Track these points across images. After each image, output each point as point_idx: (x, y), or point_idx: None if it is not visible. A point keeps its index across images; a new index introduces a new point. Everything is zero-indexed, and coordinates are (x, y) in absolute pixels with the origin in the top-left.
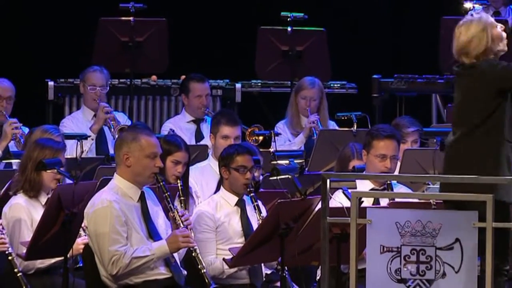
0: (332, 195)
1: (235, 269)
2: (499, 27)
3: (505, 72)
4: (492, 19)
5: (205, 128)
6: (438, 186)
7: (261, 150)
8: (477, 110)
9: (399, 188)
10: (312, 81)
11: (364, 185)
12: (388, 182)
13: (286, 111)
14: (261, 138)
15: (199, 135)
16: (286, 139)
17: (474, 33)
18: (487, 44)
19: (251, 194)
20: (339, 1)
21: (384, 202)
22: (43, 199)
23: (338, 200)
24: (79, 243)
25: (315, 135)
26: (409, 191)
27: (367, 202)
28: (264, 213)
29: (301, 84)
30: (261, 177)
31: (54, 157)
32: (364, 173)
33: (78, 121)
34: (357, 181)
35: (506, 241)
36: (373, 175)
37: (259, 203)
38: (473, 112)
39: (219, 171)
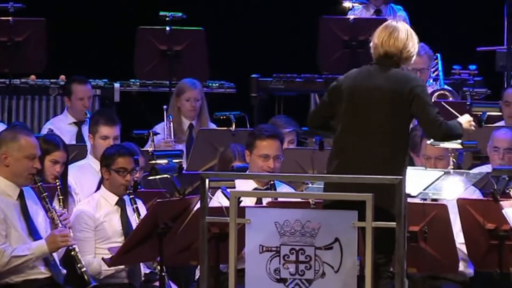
0: (214, 195)
1: (113, 270)
2: None
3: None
4: None
5: (86, 130)
6: (317, 185)
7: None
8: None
9: (282, 188)
10: (193, 82)
11: (247, 185)
12: (272, 182)
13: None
14: None
15: (80, 138)
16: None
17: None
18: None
19: (131, 196)
20: (217, 0)
21: (267, 202)
22: None
23: (221, 200)
24: None
25: None
26: (292, 190)
27: (251, 202)
28: (143, 215)
29: (182, 86)
30: (141, 177)
31: None
32: (245, 172)
33: None
34: (240, 181)
35: (390, 242)
36: (251, 174)
37: (140, 202)
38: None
39: (100, 171)
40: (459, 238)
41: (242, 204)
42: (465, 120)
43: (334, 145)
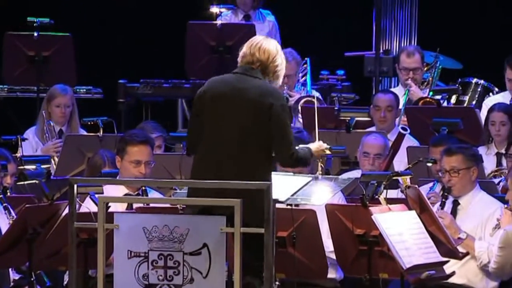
0: (84, 200)
1: None
2: None
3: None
4: None
5: None
6: (185, 191)
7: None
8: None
9: (152, 194)
10: (64, 88)
11: (118, 191)
12: (144, 187)
13: (34, 116)
14: None
15: None
16: (33, 146)
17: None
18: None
19: (0, 196)
20: (84, 6)
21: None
22: None
23: (90, 205)
24: None
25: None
26: (161, 196)
27: (122, 207)
28: (13, 213)
29: (53, 92)
30: (12, 183)
31: None
32: (116, 178)
33: None
34: (110, 186)
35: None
36: (120, 180)
37: (8, 207)
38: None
39: None
40: (328, 244)
41: (112, 210)
42: (315, 146)
43: (198, 152)
